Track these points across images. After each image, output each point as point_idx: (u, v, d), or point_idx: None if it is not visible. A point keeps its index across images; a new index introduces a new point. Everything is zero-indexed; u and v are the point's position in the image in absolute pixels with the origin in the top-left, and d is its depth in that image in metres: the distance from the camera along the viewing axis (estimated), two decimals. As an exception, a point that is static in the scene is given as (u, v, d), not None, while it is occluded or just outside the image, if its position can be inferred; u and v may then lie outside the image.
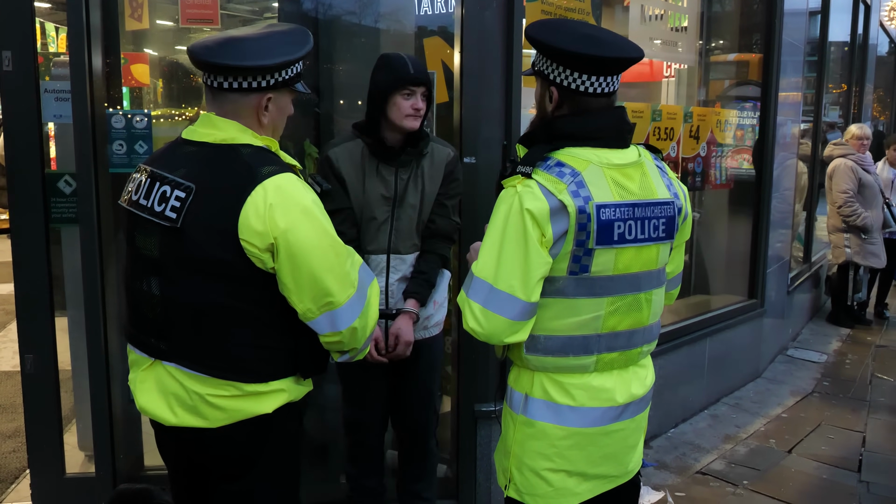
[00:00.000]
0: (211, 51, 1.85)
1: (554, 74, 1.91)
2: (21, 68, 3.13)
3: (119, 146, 3.24)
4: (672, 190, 2.02)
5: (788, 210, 6.25)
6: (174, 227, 1.83)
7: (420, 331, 2.89)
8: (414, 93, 2.71)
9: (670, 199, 1.99)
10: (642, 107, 4.29)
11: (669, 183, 2.03)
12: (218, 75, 1.88)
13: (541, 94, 2.00)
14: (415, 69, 2.72)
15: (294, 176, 1.89)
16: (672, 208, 1.99)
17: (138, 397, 2.00)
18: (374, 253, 2.82)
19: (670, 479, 4.01)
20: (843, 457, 4.35)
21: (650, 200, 1.93)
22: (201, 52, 1.85)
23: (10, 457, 4.02)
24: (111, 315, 3.29)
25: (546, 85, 1.96)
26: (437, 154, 2.87)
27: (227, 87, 1.89)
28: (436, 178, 2.86)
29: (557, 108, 1.95)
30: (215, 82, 1.90)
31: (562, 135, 1.92)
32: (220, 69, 1.86)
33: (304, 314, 1.90)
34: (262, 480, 2.00)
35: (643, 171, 1.96)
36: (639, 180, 1.93)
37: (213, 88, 1.92)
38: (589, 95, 1.90)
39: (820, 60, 7.16)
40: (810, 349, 6.50)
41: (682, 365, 4.70)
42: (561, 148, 1.91)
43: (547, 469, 1.99)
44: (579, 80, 1.89)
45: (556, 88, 1.92)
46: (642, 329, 2.02)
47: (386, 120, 2.74)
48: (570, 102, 1.92)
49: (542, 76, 1.96)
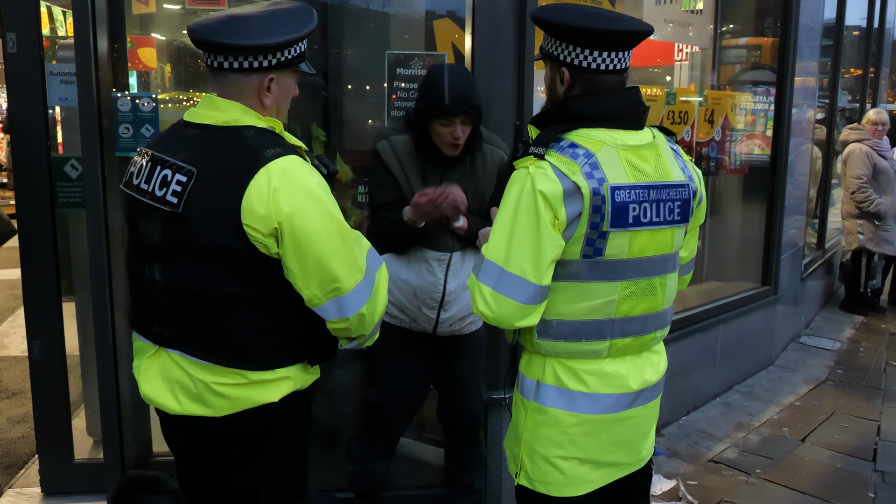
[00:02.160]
0: (211, 29, 1.80)
1: (564, 54, 1.88)
2: (26, 51, 3.11)
3: (125, 129, 3.21)
4: (687, 172, 1.98)
5: (803, 196, 6.18)
6: (176, 213, 1.79)
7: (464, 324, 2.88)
8: (452, 122, 2.57)
9: (685, 182, 1.95)
10: (656, 90, 4.22)
11: (684, 165, 1.99)
12: (218, 55, 1.84)
13: (551, 78, 1.96)
14: (452, 98, 2.52)
15: (299, 158, 1.85)
16: (687, 191, 1.95)
17: (142, 385, 1.97)
18: (433, 249, 2.77)
19: (682, 468, 3.97)
20: (857, 446, 4.30)
21: (665, 183, 1.90)
22: (201, 31, 1.80)
23: (19, 442, 4.01)
24: (118, 300, 3.27)
25: (556, 67, 1.92)
26: (491, 156, 2.78)
27: (227, 67, 1.84)
28: (490, 181, 2.77)
29: (570, 89, 1.91)
30: (216, 62, 1.85)
31: (575, 115, 1.87)
32: (220, 48, 1.82)
33: (311, 300, 1.86)
34: (269, 470, 1.97)
35: (658, 152, 1.93)
36: (654, 162, 1.90)
37: (213, 69, 1.87)
38: (601, 73, 1.86)
39: (836, 44, 7.07)
40: (823, 337, 6.44)
41: (695, 352, 4.65)
42: (574, 129, 1.87)
43: (559, 456, 1.96)
44: (591, 58, 1.85)
45: (567, 68, 1.88)
46: (656, 314, 1.98)
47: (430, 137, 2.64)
48: (582, 82, 1.89)
49: (552, 58, 1.92)
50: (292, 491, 2.06)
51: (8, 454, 3.88)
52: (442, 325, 2.85)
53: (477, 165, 2.75)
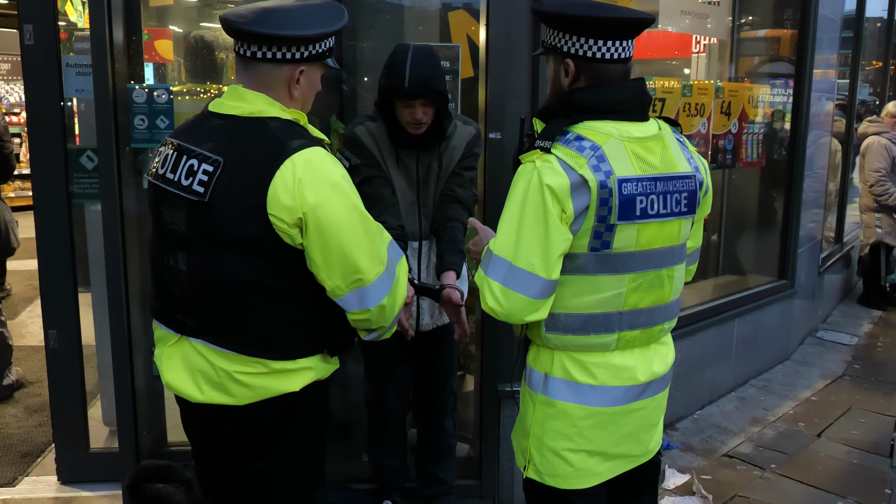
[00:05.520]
0: (247, 19, 1.81)
1: (568, 45, 1.87)
2: (42, 42, 3.13)
3: (140, 121, 3.22)
4: (693, 163, 1.98)
5: (821, 189, 6.12)
6: (202, 202, 1.80)
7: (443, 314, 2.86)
8: (412, 105, 2.60)
9: (692, 173, 1.95)
10: (673, 82, 4.19)
11: (690, 156, 1.99)
12: (252, 44, 1.85)
13: (554, 71, 1.96)
14: (412, 81, 2.53)
15: (323, 150, 1.86)
16: (694, 182, 1.95)
17: (164, 373, 1.99)
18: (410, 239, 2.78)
19: (696, 462, 3.96)
20: (874, 441, 4.27)
21: (672, 174, 1.89)
22: (237, 20, 1.81)
23: (35, 431, 4.06)
24: (134, 291, 3.30)
25: (560, 59, 1.92)
26: (460, 133, 2.80)
27: (260, 56, 1.85)
28: (455, 157, 2.80)
29: (574, 80, 1.90)
30: (248, 51, 1.86)
31: (581, 108, 1.87)
32: (255, 37, 1.83)
33: (333, 291, 1.87)
34: (288, 459, 1.99)
35: (664, 144, 1.92)
36: (660, 154, 1.89)
37: (245, 58, 1.88)
38: (605, 62, 1.86)
39: (856, 36, 6.98)
40: (841, 331, 6.39)
41: (710, 346, 4.63)
42: (580, 122, 1.86)
43: (567, 449, 1.97)
44: (595, 47, 1.85)
45: (572, 59, 1.88)
46: (664, 306, 1.98)
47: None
48: (587, 72, 1.88)
49: (555, 50, 1.92)
50: (310, 480, 2.08)
51: (25, 442, 3.92)
52: (423, 314, 2.86)
53: (451, 145, 2.77)
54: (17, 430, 4.08)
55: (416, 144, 2.72)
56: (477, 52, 3.33)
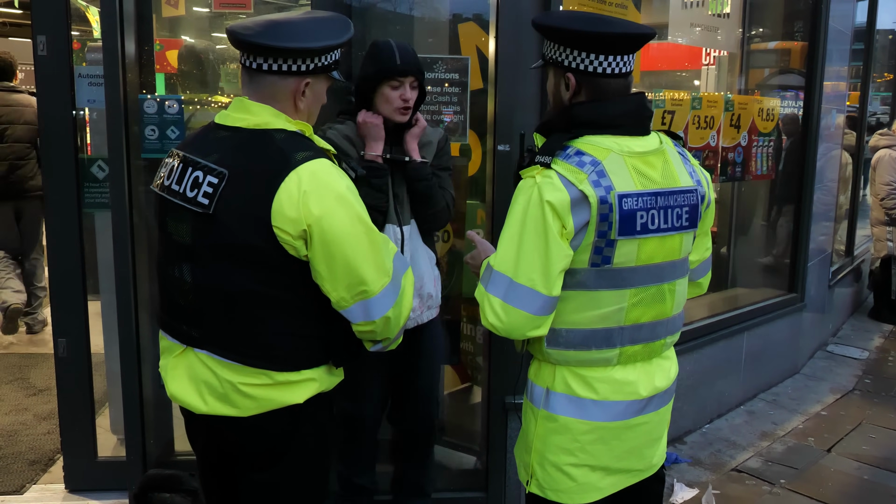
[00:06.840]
0: (253, 31, 1.83)
1: (569, 60, 1.88)
2: (55, 53, 3.16)
3: (151, 131, 3.24)
4: (695, 177, 1.98)
5: (832, 202, 6.09)
6: (206, 214, 1.81)
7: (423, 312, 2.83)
8: (402, 84, 2.65)
9: (693, 187, 1.95)
10: (682, 94, 4.19)
11: (692, 170, 1.99)
12: (258, 56, 1.86)
13: (555, 85, 1.97)
14: (402, 59, 2.63)
15: (329, 162, 1.86)
16: (695, 196, 1.95)
17: (169, 384, 2.00)
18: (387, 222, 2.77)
19: (704, 476, 3.93)
20: (885, 457, 4.23)
21: (673, 189, 1.89)
22: (243, 33, 1.83)
23: (44, 438, 4.07)
24: (143, 300, 3.31)
25: (560, 73, 1.93)
26: (430, 131, 2.86)
27: (266, 69, 1.87)
28: (431, 151, 2.83)
29: (575, 95, 1.91)
30: (254, 63, 1.88)
31: (581, 122, 1.88)
32: (261, 49, 1.84)
33: (338, 303, 1.87)
34: (291, 470, 1.99)
35: (665, 158, 1.92)
36: (661, 168, 1.89)
37: (251, 70, 1.90)
38: (606, 76, 1.87)
39: (867, 48, 6.97)
40: (851, 345, 6.34)
41: (718, 359, 4.61)
42: (580, 136, 1.87)
43: (570, 464, 1.96)
44: (596, 62, 1.85)
45: (573, 73, 1.89)
46: (666, 320, 1.98)
47: (374, 109, 2.70)
48: (587, 86, 1.89)
49: (556, 64, 1.92)
50: (313, 492, 2.07)
51: (33, 450, 3.94)
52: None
53: (426, 140, 2.81)
54: (25, 437, 4.09)
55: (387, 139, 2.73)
56: (486, 64, 3.34)
